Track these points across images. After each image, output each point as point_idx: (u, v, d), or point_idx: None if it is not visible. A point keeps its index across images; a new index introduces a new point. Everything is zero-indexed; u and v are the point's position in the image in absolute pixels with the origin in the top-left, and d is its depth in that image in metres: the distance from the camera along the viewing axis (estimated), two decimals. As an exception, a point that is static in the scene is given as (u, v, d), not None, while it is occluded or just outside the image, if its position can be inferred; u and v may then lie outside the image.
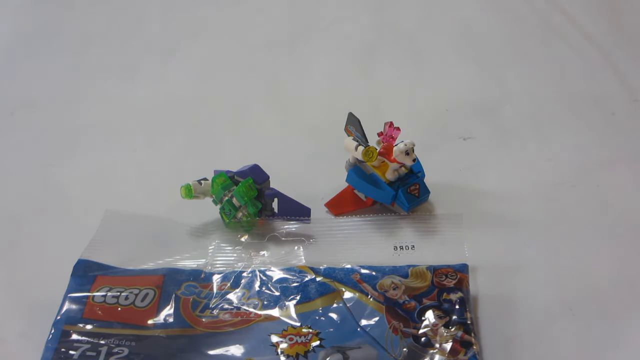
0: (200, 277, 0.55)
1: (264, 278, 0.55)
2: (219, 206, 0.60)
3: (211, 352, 0.50)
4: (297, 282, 0.55)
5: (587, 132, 0.71)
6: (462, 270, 0.55)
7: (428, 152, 0.63)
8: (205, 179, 0.61)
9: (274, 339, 0.51)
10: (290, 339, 0.51)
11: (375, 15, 0.90)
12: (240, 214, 0.60)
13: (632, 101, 0.75)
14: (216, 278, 0.55)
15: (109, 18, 0.91)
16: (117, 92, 0.78)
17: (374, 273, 0.55)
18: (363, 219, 0.61)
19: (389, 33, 0.87)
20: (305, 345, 0.50)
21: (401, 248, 0.58)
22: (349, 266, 0.56)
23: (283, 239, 0.59)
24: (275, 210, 0.60)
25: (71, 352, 0.50)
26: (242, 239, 0.59)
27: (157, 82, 0.80)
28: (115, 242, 0.58)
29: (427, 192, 0.61)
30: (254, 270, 0.56)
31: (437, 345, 0.50)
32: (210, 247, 0.59)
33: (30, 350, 0.51)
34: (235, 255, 0.58)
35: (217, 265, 0.57)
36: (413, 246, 0.58)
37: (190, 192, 0.60)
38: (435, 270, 0.55)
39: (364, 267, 0.56)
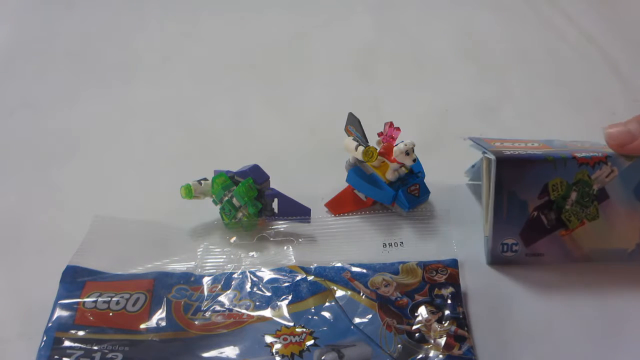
0: (190, 280, 0.55)
1: (254, 279, 0.55)
2: (219, 206, 0.60)
3: (205, 355, 0.50)
4: (289, 282, 0.55)
5: (587, 132, 0.71)
6: (452, 266, 0.55)
7: (428, 152, 0.63)
8: (205, 179, 0.61)
9: (268, 339, 0.51)
10: (285, 339, 0.51)
11: (375, 15, 0.90)
12: (240, 214, 0.60)
13: (632, 101, 0.75)
14: (206, 280, 0.55)
15: (109, 18, 0.91)
16: (117, 92, 0.78)
17: (364, 271, 0.55)
18: (349, 217, 0.61)
19: (389, 33, 0.87)
20: (300, 345, 0.50)
21: (390, 245, 0.58)
22: (339, 264, 0.56)
23: (272, 239, 0.59)
24: (275, 210, 0.60)
25: (65, 359, 0.49)
26: (231, 240, 0.59)
27: (157, 82, 0.80)
28: (104, 247, 0.57)
29: (427, 192, 0.61)
30: (245, 272, 0.56)
31: (432, 341, 0.50)
32: (199, 250, 0.59)
33: (30, 350, 0.51)
34: (224, 257, 0.58)
35: (207, 268, 0.57)
36: (402, 242, 0.59)
37: (190, 192, 0.60)
38: (425, 266, 0.55)
39: (354, 265, 0.56)
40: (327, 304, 0.53)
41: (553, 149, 0.57)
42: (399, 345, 0.50)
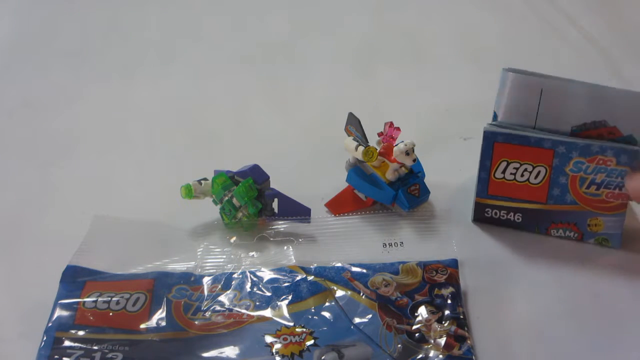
0: (190, 280, 0.55)
1: (254, 279, 0.55)
2: (219, 206, 0.60)
3: (205, 355, 0.50)
4: (289, 282, 0.55)
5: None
6: (451, 266, 0.55)
7: (428, 152, 0.63)
8: (205, 179, 0.61)
9: (268, 339, 0.51)
10: (285, 339, 0.51)
11: (375, 15, 0.90)
12: (240, 214, 0.60)
13: (632, 101, 0.75)
14: (206, 280, 0.55)
15: (109, 18, 0.91)
16: (117, 93, 0.78)
17: (364, 271, 0.55)
18: (349, 217, 0.61)
19: (389, 33, 0.87)
20: (300, 345, 0.50)
21: (390, 245, 0.59)
22: (339, 264, 0.56)
23: (272, 239, 0.59)
24: (275, 210, 0.60)
25: (65, 358, 0.49)
26: (231, 240, 0.59)
27: (157, 82, 0.80)
28: (104, 247, 0.57)
29: (427, 192, 0.61)
30: (244, 272, 0.56)
31: (432, 341, 0.50)
32: (199, 250, 0.59)
33: (30, 350, 0.51)
34: (224, 257, 0.58)
35: (207, 268, 0.57)
36: (402, 242, 0.59)
37: (190, 192, 0.60)
38: (425, 266, 0.55)
39: (354, 265, 0.56)
40: (327, 304, 0.53)
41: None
42: (399, 345, 0.50)
